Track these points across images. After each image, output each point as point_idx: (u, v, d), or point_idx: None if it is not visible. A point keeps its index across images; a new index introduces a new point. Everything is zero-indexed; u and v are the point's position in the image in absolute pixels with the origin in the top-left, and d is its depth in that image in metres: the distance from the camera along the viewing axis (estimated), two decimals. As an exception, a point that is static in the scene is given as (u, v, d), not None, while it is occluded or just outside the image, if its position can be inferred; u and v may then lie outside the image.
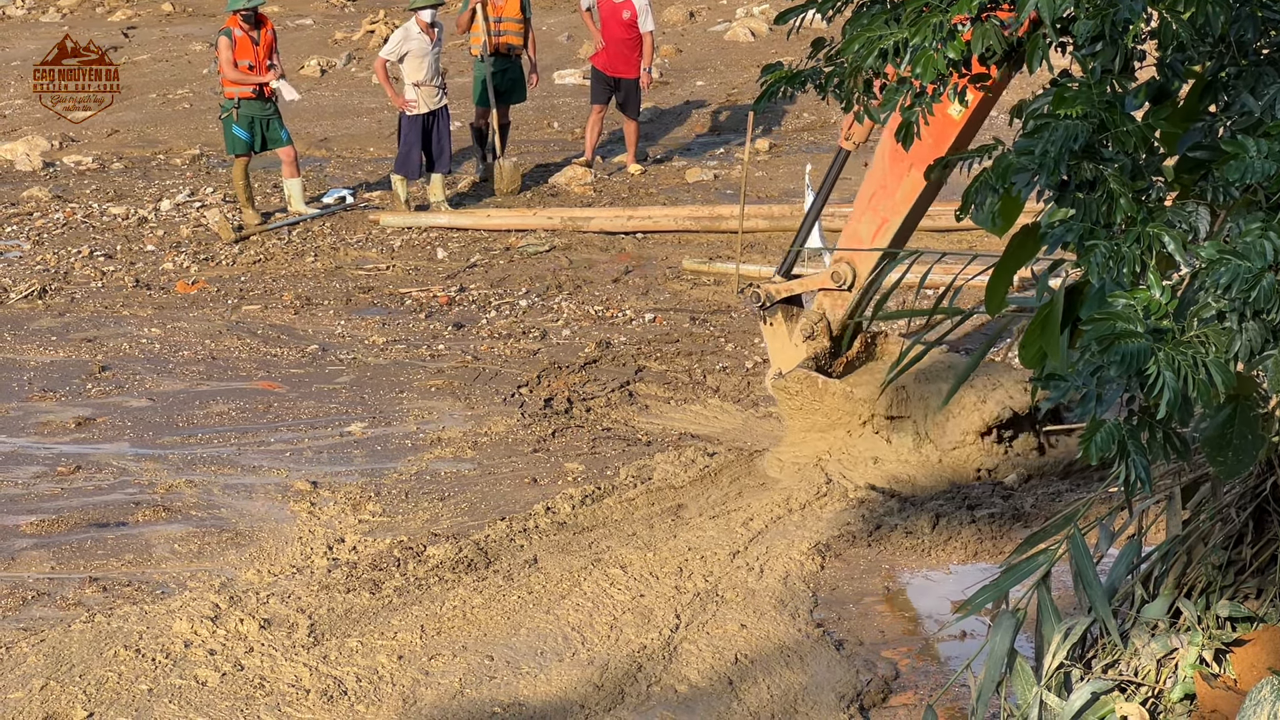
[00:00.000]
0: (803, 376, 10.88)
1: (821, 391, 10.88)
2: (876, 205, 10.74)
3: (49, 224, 17.79)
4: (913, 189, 10.54)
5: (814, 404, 10.93)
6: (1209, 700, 6.32)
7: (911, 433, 10.81)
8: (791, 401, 11.01)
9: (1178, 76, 5.23)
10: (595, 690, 7.97)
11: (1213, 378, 4.58)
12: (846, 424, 10.95)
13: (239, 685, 8.08)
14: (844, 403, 10.89)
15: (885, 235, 10.71)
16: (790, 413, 11.11)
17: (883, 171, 10.76)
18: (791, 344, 11.13)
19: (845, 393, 10.88)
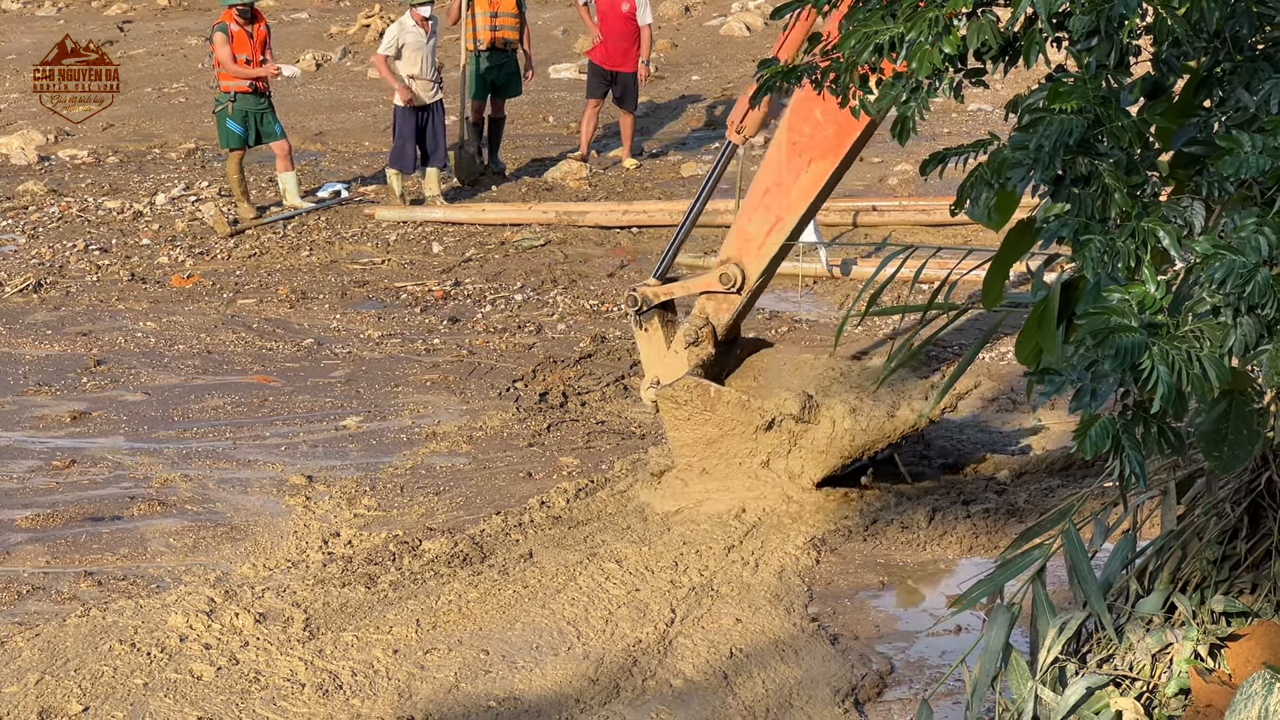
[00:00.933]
0: (693, 385, 10.10)
1: (714, 400, 10.11)
2: (770, 203, 10.02)
3: (44, 218, 17.78)
4: (811, 185, 9.92)
5: (704, 414, 10.14)
6: (1204, 695, 6.32)
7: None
8: (679, 411, 10.17)
9: (1173, 72, 5.23)
10: (590, 685, 7.97)
11: (1207, 373, 4.58)
12: (740, 433, 10.13)
13: (234, 679, 8.08)
14: (739, 411, 10.11)
15: (779, 235, 10.09)
16: (676, 423, 10.24)
17: (778, 167, 10.03)
18: (671, 351, 10.40)
19: (741, 401, 10.13)
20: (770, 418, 10.04)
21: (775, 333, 13.89)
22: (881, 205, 17.25)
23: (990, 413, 11.61)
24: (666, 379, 10.32)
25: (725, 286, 10.26)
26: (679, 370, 10.29)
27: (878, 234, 16.46)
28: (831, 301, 14.84)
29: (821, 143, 9.70)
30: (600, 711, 7.76)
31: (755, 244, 10.14)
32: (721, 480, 10.16)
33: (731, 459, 10.16)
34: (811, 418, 10.04)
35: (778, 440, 10.07)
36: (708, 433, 10.14)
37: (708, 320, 10.36)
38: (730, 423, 10.12)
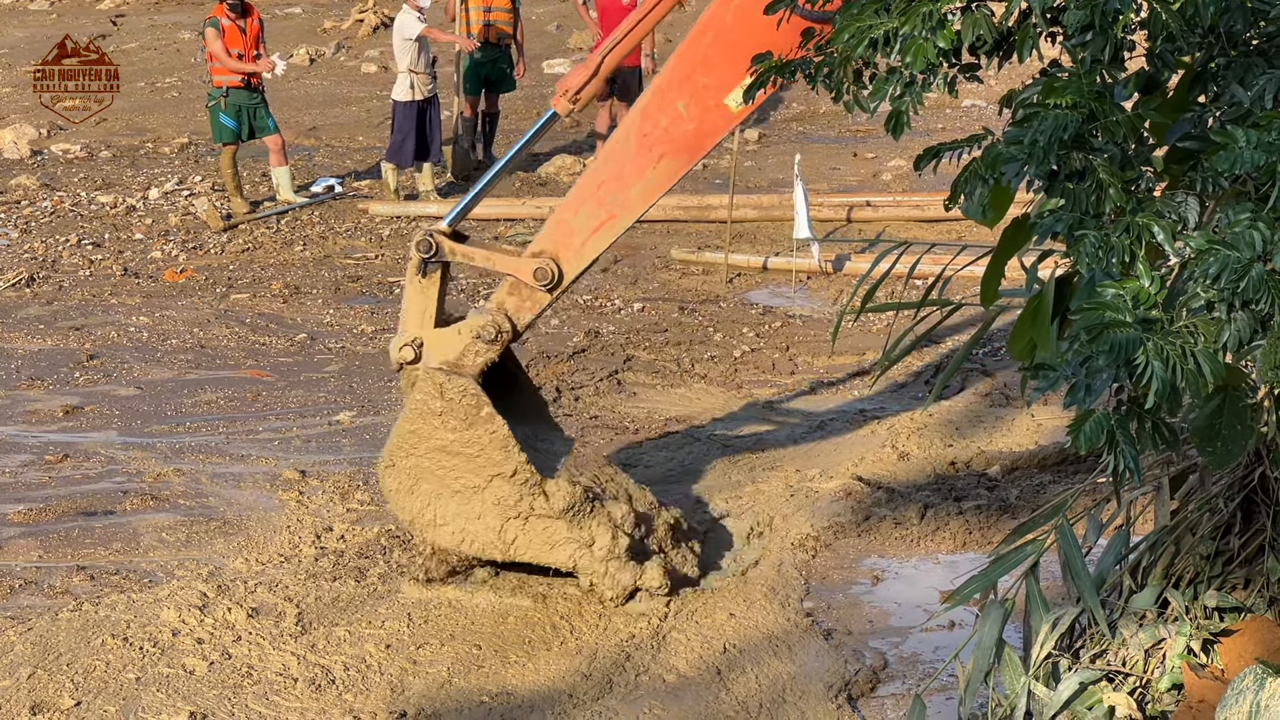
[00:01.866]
0: (469, 392, 8.80)
1: (477, 420, 8.79)
2: (605, 197, 8.88)
3: (37, 212, 17.76)
4: (657, 184, 8.84)
5: (456, 424, 8.84)
6: (1196, 690, 6.33)
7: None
8: (432, 403, 8.86)
9: (1168, 67, 5.23)
10: (584, 679, 7.97)
11: (1201, 368, 4.58)
12: (479, 469, 8.81)
13: (226, 674, 8.07)
14: (499, 452, 8.76)
15: (607, 235, 8.96)
16: (421, 412, 8.89)
17: (622, 159, 8.84)
18: (454, 330, 9.00)
19: (504, 442, 8.76)
20: (525, 479, 8.78)
21: (769, 328, 13.90)
22: (875, 201, 17.27)
23: (983, 408, 11.62)
24: (436, 356, 8.98)
25: (538, 282, 8.94)
26: (453, 354, 8.94)
27: (872, 230, 16.48)
28: (825, 297, 14.84)
29: (679, 139, 8.68)
30: (593, 707, 7.75)
31: (578, 240, 8.95)
32: (436, 494, 8.94)
33: (452, 482, 8.89)
34: (582, 521, 8.82)
35: (511, 502, 8.82)
36: (446, 441, 8.86)
37: (509, 318, 8.97)
38: (477, 451, 8.83)
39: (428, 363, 8.98)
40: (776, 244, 16.27)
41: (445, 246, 9.04)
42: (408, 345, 9.03)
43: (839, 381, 12.53)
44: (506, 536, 8.81)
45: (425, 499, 8.89)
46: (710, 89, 8.36)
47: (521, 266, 8.96)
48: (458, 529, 8.86)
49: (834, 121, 21.68)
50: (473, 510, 8.83)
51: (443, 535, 8.89)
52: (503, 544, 8.82)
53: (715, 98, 8.29)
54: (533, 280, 8.91)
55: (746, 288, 15.23)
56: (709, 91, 8.37)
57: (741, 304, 14.74)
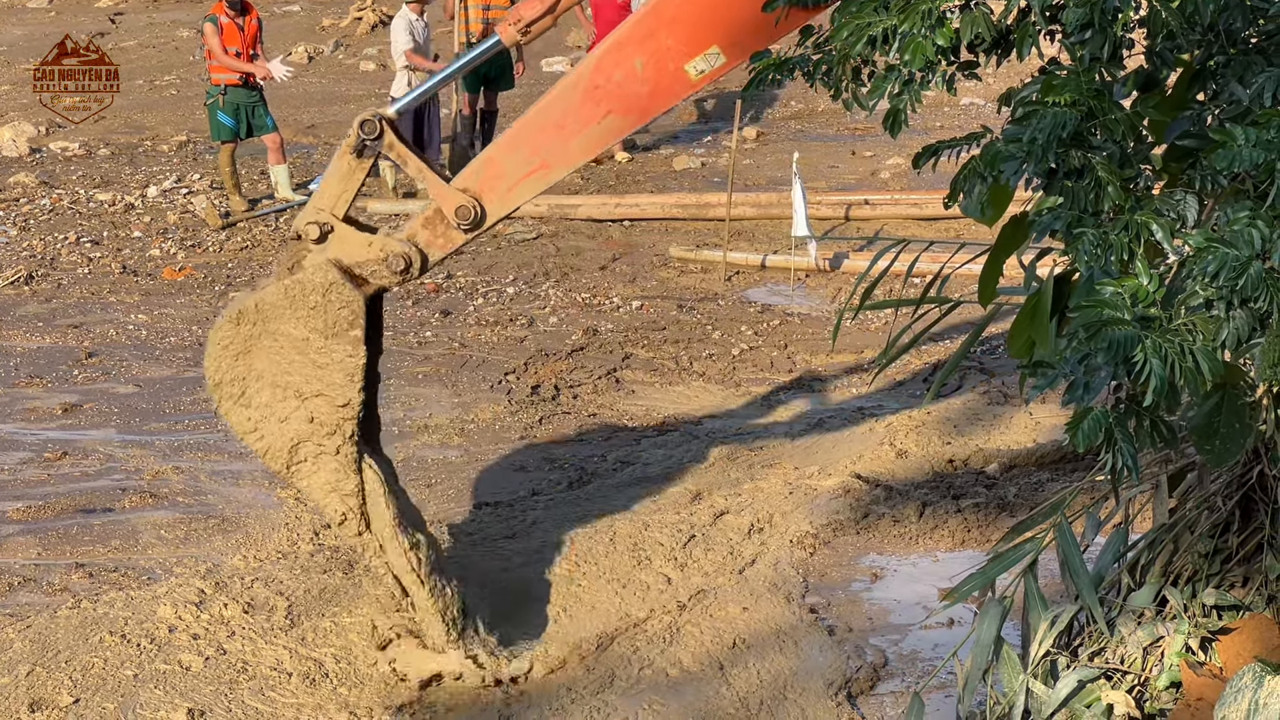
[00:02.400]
0: (353, 309, 8.18)
1: (344, 338, 8.21)
2: (541, 144, 8.34)
3: (36, 210, 17.76)
4: (598, 140, 8.35)
5: (316, 329, 8.21)
6: (1195, 688, 6.33)
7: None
8: (307, 293, 8.21)
9: (1166, 65, 5.24)
10: (585, 673, 7.97)
11: (1200, 365, 4.58)
12: (311, 386, 8.21)
13: (222, 670, 8.08)
14: (344, 377, 8.19)
15: (536, 184, 8.43)
16: (291, 295, 8.24)
17: (565, 108, 8.29)
18: (364, 237, 8.38)
19: (355, 372, 8.19)
20: (349, 417, 8.28)
21: (767, 326, 13.90)
22: (874, 199, 17.27)
23: (982, 406, 11.62)
24: (335, 250, 8.35)
25: (459, 220, 8.35)
26: (354, 259, 8.33)
27: (870, 228, 16.48)
28: (823, 295, 14.84)
29: (630, 98, 8.20)
30: (592, 700, 7.76)
31: (506, 184, 8.40)
32: (258, 376, 8.33)
33: (281, 375, 8.30)
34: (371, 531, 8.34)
35: (323, 429, 8.31)
36: (301, 335, 8.24)
37: (420, 251, 8.39)
38: (324, 362, 8.22)
39: (326, 253, 8.36)
40: (775, 242, 16.27)
41: (388, 137, 8.37)
42: (317, 224, 8.38)
43: (837, 379, 12.53)
44: (296, 456, 8.30)
45: (245, 373, 8.29)
46: (672, 52, 7.92)
47: (447, 196, 8.34)
48: (256, 418, 8.30)
49: (832, 119, 21.68)
50: (282, 411, 8.28)
51: (238, 414, 8.34)
52: (287, 459, 8.29)
53: (676, 61, 7.99)
54: (454, 216, 8.34)
55: (745, 286, 15.23)
56: (670, 54, 7.92)
57: (740, 302, 14.74)
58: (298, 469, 8.33)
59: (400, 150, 8.39)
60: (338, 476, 8.32)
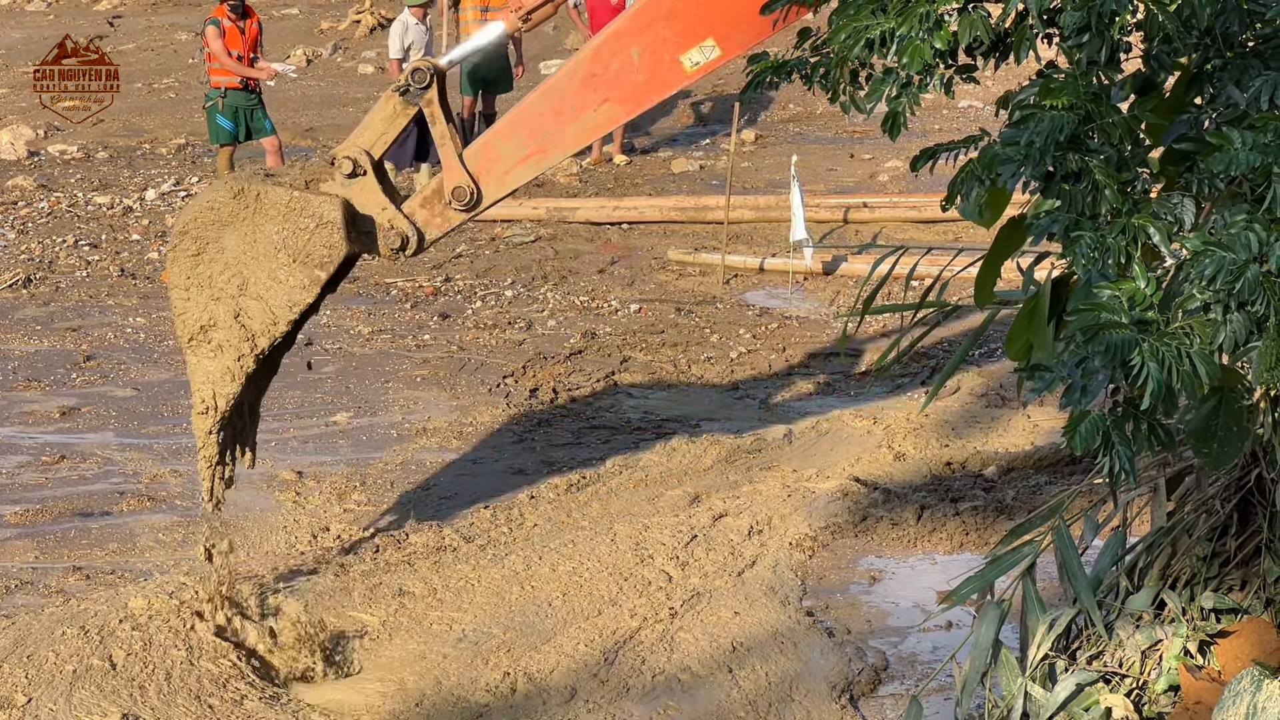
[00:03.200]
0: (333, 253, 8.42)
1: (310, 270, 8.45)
2: (538, 129, 8.58)
3: (34, 213, 17.75)
4: (594, 127, 8.64)
5: (292, 246, 8.37)
6: (1193, 691, 6.33)
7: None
8: (305, 212, 8.40)
9: (1164, 68, 5.24)
10: (591, 679, 7.97)
11: (1197, 369, 4.58)
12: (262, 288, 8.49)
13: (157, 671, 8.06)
14: (285, 301, 8.48)
15: (532, 168, 8.74)
16: (294, 205, 8.44)
17: (563, 95, 8.53)
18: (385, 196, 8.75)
19: (295, 304, 8.47)
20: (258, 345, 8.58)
21: (766, 329, 13.90)
22: (872, 202, 17.26)
23: (979, 408, 11.63)
24: (353, 192, 8.66)
25: (456, 200, 8.68)
26: (362, 210, 8.67)
27: (868, 231, 16.48)
28: (821, 298, 14.85)
29: (626, 86, 8.39)
30: (589, 707, 7.75)
31: (503, 166, 8.68)
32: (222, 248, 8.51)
33: (242, 254, 8.48)
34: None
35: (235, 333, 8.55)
36: (278, 240, 8.44)
37: (418, 230, 8.71)
38: (282, 279, 8.47)
39: (347, 190, 8.66)
40: (773, 245, 16.26)
41: (432, 91, 8.76)
42: (352, 159, 8.76)
43: (835, 382, 12.54)
44: (206, 336, 8.55)
45: (213, 240, 8.47)
46: (669, 42, 8.10)
47: (449, 175, 8.67)
48: (195, 281, 8.50)
49: (831, 122, 21.68)
50: (220, 292, 8.50)
51: (182, 267, 8.53)
52: (196, 332, 8.54)
53: (672, 53, 8.04)
54: (450, 196, 8.65)
55: (743, 289, 15.23)
56: (666, 45, 8.11)
57: (738, 305, 14.74)
58: (199, 347, 8.55)
59: (435, 109, 8.79)
60: (226, 377, 8.59)
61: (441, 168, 8.76)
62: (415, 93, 8.77)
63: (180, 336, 8.61)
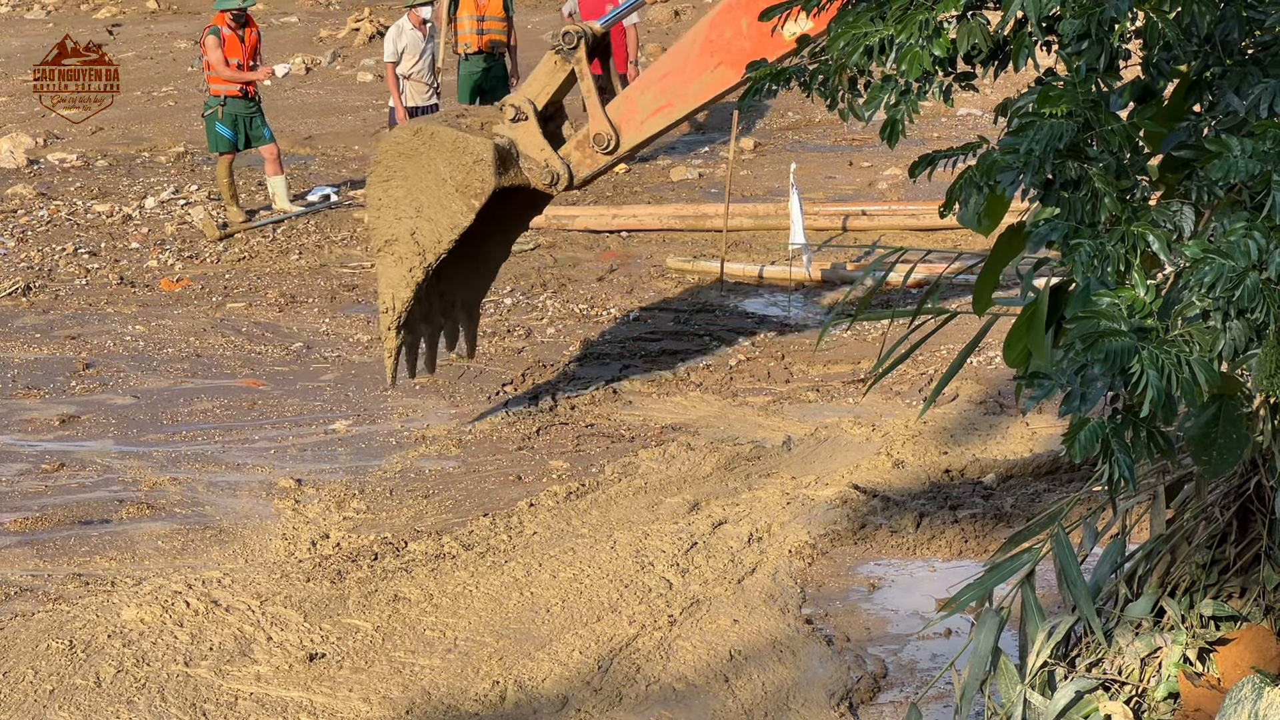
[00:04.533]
0: (483, 184, 10.50)
1: (462, 200, 10.56)
2: (667, 86, 10.37)
3: (33, 221, 17.76)
4: (710, 86, 10.33)
5: (454, 180, 10.56)
6: (1193, 699, 6.33)
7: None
8: (464, 149, 10.53)
9: (1163, 76, 5.24)
10: (584, 687, 7.96)
11: (1197, 376, 4.58)
12: (429, 210, 10.66)
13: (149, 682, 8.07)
14: (448, 222, 10.67)
15: (662, 119, 10.62)
16: (460, 140, 10.57)
17: (685, 57, 10.41)
18: (544, 140, 10.84)
19: (453, 229, 10.67)
20: (425, 260, 10.73)
21: (764, 337, 13.90)
22: (871, 209, 17.26)
23: (978, 415, 11.63)
24: (518, 133, 10.74)
25: (596, 145, 10.71)
26: (522, 149, 10.73)
27: (867, 238, 16.48)
28: (821, 306, 14.85)
29: (735, 52, 9.90)
30: (585, 714, 7.74)
31: (639, 117, 10.55)
32: (404, 174, 10.71)
33: (418, 183, 10.65)
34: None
35: (408, 246, 10.73)
36: (442, 173, 10.55)
37: (569, 169, 10.79)
38: (444, 205, 10.60)
39: (512, 133, 10.70)
40: (772, 253, 16.27)
41: (580, 52, 10.66)
42: (518, 107, 10.81)
43: (834, 389, 12.54)
44: (389, 247, 10.72)
45: (398, 168, 10.60)
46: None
47: (594, 123, 10.63)
48: (385, 201, 10.67)
49: (829, 130, 21.69)
50: (401, 211, 10.65)
51: (376, 190, 10.72)
52: (382, 243, 10.75)
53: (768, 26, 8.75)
54: (592, 141, 10.66)
55: (742, 297, 15.23)
56: None
57: (737, 313, 14.74)
58: (383, 255, 10.76)
59: (583, 66, 10.69)
60: (401, 282, 10.79)
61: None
62: (566, 51, 10.70)
63: (371, 246, 10.78)
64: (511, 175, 10.69)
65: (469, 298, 11.82)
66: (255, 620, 8.64)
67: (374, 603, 8.84)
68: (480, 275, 11.85)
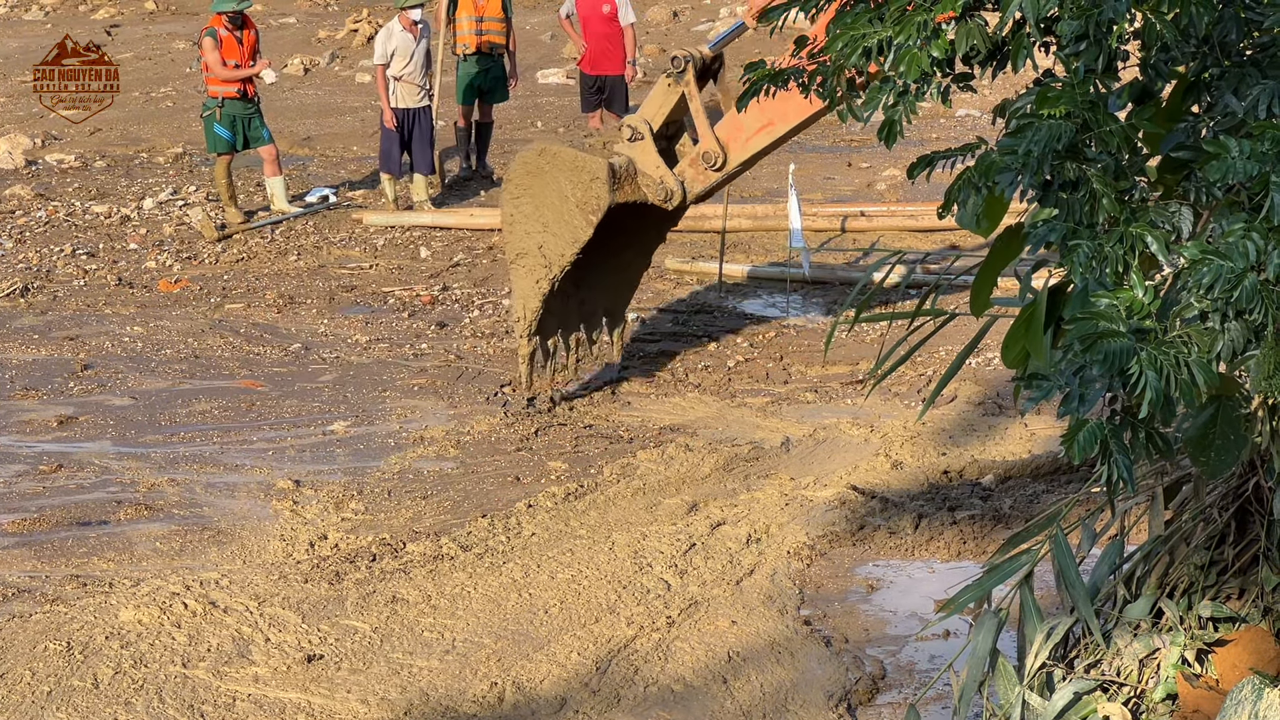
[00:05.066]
0: (598, 200, 11.25)
1: (582, 215, 11.29)
2: (768, 106, 10.56)
3: (31, 222, 17.75)
4: (806, 105, 10.61)
5: (573, 197, 11.29)
6: (1191, 700, 6.33)
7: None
8: (581, 167, 11.27)
9: (1161, 77, 5.24)
10: (582, 688, 7.95)
11: (1195, 377, 4.58)
12: (555, 224, 11.40)
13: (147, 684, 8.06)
14: (570, 236, 11.39)
15: (766, 137, 11.27)
16: (578, 160, 11.35)
17: None
18: (658, 158, 11.51)
19: (575, 241, 11.40)
20: (553, 272, 11.55)
21: (763, 338, 13.90)
22: (870, 210, 17.26)
23: (976, 417, 11.62)
24: (635, 151, 11.51)
25: (706, 163, 11.40)
26: (638, 165, 11.46)
27: (866, 239, 16.48)
28: (819, 307, 14.84)
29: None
30: (583, 716, 7.74)
31: (744, 135, 11.24)
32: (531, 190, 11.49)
33: (542, 201, 11.43)
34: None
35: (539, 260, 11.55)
36: (563, 190, 11.33)
37: (682, 185, 11.50)
38: (567, 220, 11.39)
39: (630, 152, 11.49)
40: (771, 254, 16.27)
41: (689, 75, 11.36)
42: (634, 128, 11.59)
43: (832, 390, 12.53)
44: (520, 259, 11.55)
45: (527, 186, 11.42)
46: None
47: (703, 143, 11.34)
48: (516, 217, 11.49)
49: (828, 131, 21.69)
50: (530, 227, 11.48)
51: (509, 207, 11.54)
52: (514, 255, 11.56)
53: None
54: (701, 159, 11.36)
55: (740, 297, 15.23)
56: None
57: (735, 314, 14.74)
58: (515, 268, 11.59)
59: (692, 88, 11.41)
60: (531, 293, 11.62)
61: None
62: (676, 75, 11.41)
63: (508, 256, 11.64)
64: (628, 191, 11.46)
65: (612, 306, 12.59)
66: (253, 621, 8.63)
67: (372, 604, 8.83)
68: (623, 285, 12.66)
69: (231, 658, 8.26)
